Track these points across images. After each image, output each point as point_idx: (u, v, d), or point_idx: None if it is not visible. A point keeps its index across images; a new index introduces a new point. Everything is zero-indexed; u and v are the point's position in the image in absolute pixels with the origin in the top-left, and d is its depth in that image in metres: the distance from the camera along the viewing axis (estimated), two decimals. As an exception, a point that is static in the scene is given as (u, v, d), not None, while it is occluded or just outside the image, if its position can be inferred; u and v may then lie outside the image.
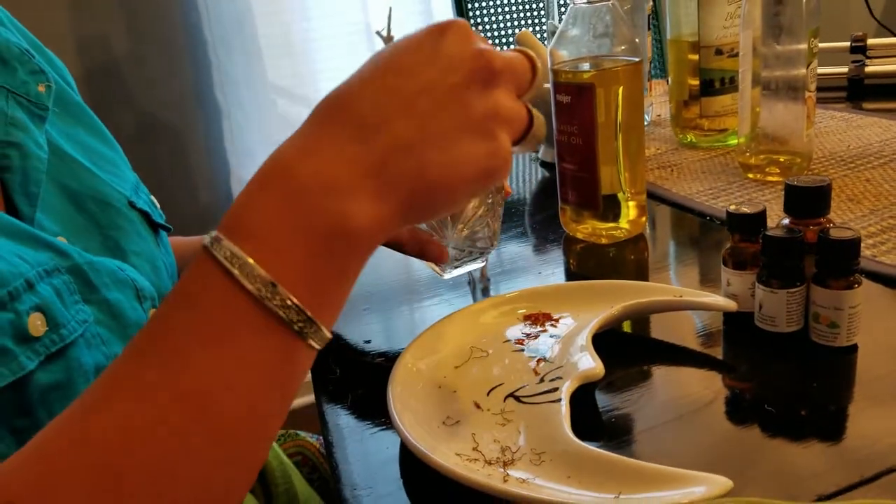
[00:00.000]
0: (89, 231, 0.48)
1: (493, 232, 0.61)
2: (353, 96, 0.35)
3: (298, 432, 0.81)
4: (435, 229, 0.59)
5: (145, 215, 0.54)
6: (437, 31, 0.37)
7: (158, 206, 0.58)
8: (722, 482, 0.36)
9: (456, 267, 0.63)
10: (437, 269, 0.64)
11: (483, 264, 0.65)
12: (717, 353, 0.53)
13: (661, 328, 0.57)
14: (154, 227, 0.55)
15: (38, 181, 0.45)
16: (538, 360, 0.51)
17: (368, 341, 0.60)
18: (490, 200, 0.60)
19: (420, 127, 0.34)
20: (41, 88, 0.49)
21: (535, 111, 0.40)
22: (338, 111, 0.35)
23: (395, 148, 0.34)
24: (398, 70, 0.35)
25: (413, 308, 0.66)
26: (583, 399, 0.48)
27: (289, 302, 0.31)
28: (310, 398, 0.57)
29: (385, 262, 0.76)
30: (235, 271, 0.30)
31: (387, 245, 0.60)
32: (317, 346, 0.32)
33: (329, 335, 0.33)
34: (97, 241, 0.48)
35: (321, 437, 0.80)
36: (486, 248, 0.62)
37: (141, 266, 0.50)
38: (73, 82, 0.57)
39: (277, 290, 0.30)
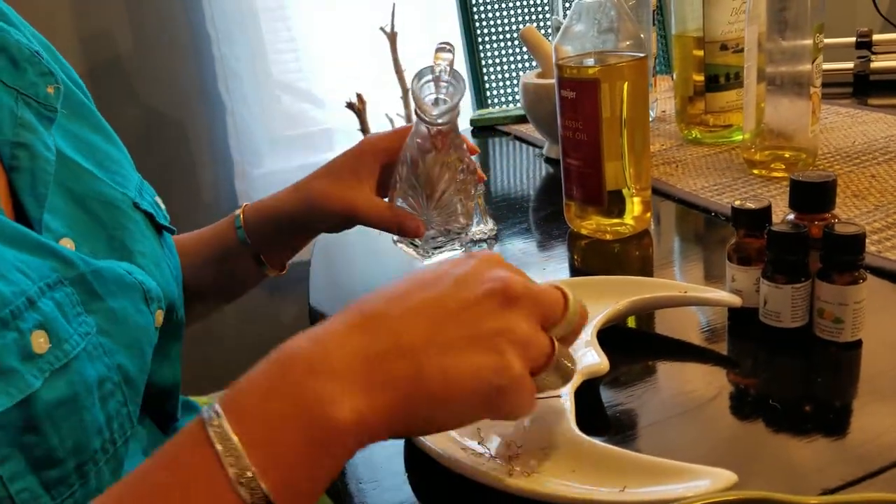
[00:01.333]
0: (95, 232, 0.48)
1: (467, 211, 0.63)
2: (372, 298, 0.36)
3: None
4: (412, 206, 0.62)
5: (149, 216, 0.54)
6: (467, 257, 0.39)
7: (163, 207, 0.58)
8: (726, 476, 0.36)
9: (435, 249, 0.64)
10: (416, 254, 0.65)
11: (462, 251, 0.65)
12: (722, 348, 0.53)
13: (665, 324, 0.57)
14: (158, 228, 0.55)
15: (46, 182, 0.45)
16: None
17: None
18: (461, 178, 0.61)
19: (425, 332, 0.34)
20: (50, 90, 0.49)
21: (563, 349, 0.39)
22: (355, 308, 0.36)
23: (396, 347, 0.34)
24: (419, 282, 0.37)
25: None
26: (587, 394, 0.48)
27: (261, 491, 0.31)
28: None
29: (388, 259, 0.76)
30: (219, 447, 0.31)
31: (368, 224, 0.62)
32: None
33: None
34: (103, 241, 0.48)
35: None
36: (461, 229, 0.64)
37: (147, 266, 0.50)
38: (81, 82, 0.57)
39: (254, 480, 0.31)
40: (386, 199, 0.64)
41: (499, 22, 1.58)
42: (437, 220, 0.63)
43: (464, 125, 1.27)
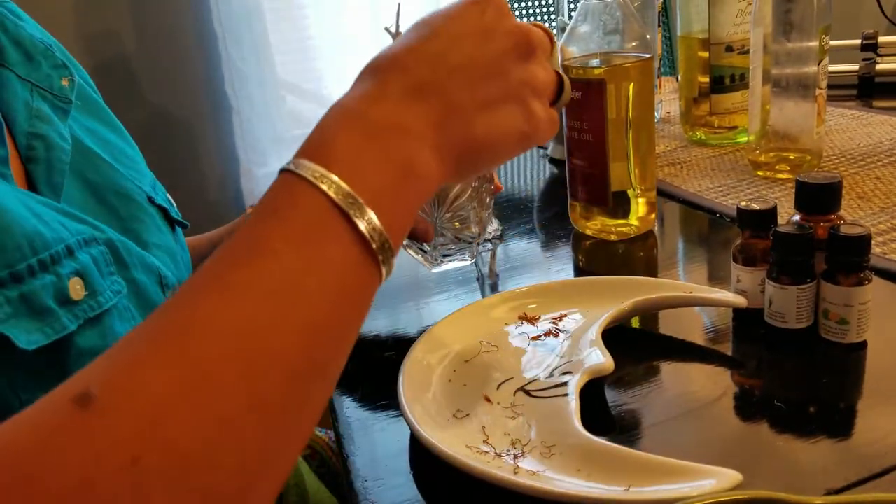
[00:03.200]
0: (111, 223, 0.49)
1: (480, 220, 0.62)
2: (407, 59, 0.38)
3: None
4: (423, 209, 0.60)
5: (163, 211, 0.55)
6: (478, 4, 0.40)
7: (174, 203, 0.59)
8: (731, 475, 0.36)
9: (445, 257, 0.63)
10: (423, 260, 0.64)
11: (471, 261, 0.65)
12: (727, 349, 0.53)
13: (670, 324, 0.57)
14: (172, 223, 0.56)
15: (62, 172, 0.46)
16: (548, 355, 0.51)
17: (378, 335, 0.61)
18: (476, 184, 0.61)
19: (471, 93, 0.38)
20: (64, 82, 0.50)
21: (563, 75, 0.45)
22: (394, 70, 0.38)
23: (449, 109, 0.37)
24: (447, 38, 0.39)
25: (422, 304, 0.66)
26: (592, 394, 0.48)
27: (373, 221, 0.32)
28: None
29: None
30: (324, 186, 0.32)
31: None
32: (384, 275, 0.34)
33: (393, 267, 0.34)
34: (118, 232, 0.49)
35: (330, 432, 0.81)
36: (473, 239, 0.63)
37: (161, 258, 0.51)
38: (91, 81, 0.58)
39: (363, 209, 0.32)
40: None
41: (504, 23, 1.58)
42: (448, 227, 0.62)
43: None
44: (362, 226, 0.32)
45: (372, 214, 0.32)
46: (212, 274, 0.30)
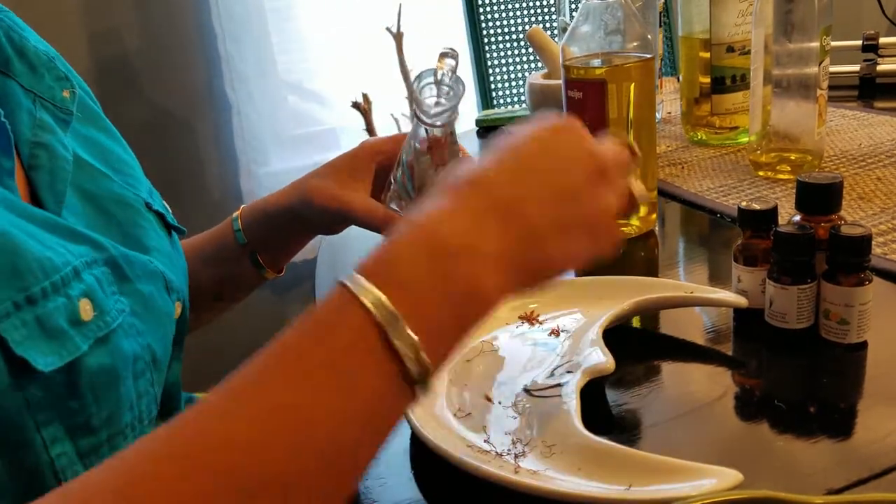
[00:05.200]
0: (111, 229, 0.50)
1: None
2: (485, 179, 0.38)
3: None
4: (404, 210, 0.61)
5: (161, 217, 0.55)
6: (555, 130, 0.41)
7: (170, 210, 0.60)
8: (732, 475, 0.36)
9: None
10: None
11: None
12: (727, 349, 0.54)
13: (671, 324, 0.57)
14: (169, 229, 0.57)
15: (64, 180, 0.47)
16: (549, 355, 0.51)
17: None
18: None
19: (545, 216, 0.38)
20: (66, 94, 0.51)
21: (635, 186, 0.45)
22: (475, 190, 0.38)
23: (528, 235, 0.37)
24: (527, 162, 0.40)
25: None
26: (593, 394, 0.48)
27: (422, 359, 0.32)
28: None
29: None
30: (379, 317, 0.32)
31: (360, 224, 0.62)
32: (420, 395, 0.33)
33: (433, 387, 0.34)
34: (119, 238, 0.50)
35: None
36: None
37: (162, 262, 0.51)
38: (89, 90, 0.59)
39: (413, 344, 0.32)
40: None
41: (505, 23, 1.58)
42: None
43: (469, 125, 1.28)
44: (409, 364, 0.32)
45: (423, 355, 0.32)
46: (246, 385, 0.31)
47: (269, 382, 0.31)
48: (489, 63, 1.57)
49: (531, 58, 1.59)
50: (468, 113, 1.54)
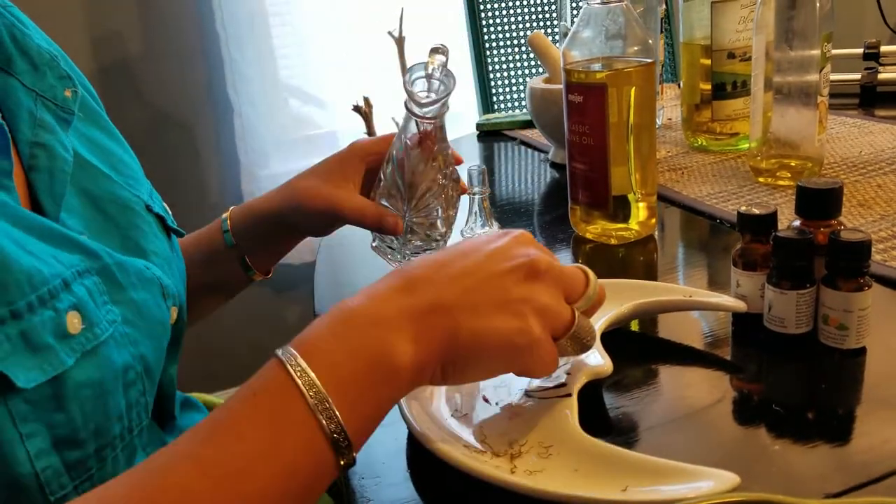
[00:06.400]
0: (110, 231, 0.49)
1: (447, 219, 0.64)
2: (414, 265, 0.41)
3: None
4: (394, 205, 0.63)
5: (160, 219, 0.55)
6: (502, 233, 0.44)
7: (170, 212, 0.60)
8: (729, 478, 0.36)
9: (413, 255, 0.65)
10: (392, 259, 0.66)
11: None
12: (726, 353, 0.53)
13: (669, 328, 0.57)
14: (168, 231, 0.56)
15: (63, 182, 0.46)
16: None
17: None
18: (443, 182, 0.62)
19: (460, 295, 0.39)
20: (68, 93, 0.51)
21: (584, 319, 0.44)
22: (398, 274, 0.41)
23: (435, 305, 0.39)
24: (456, 252, 0.42)
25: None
26: (590, 397, 0.48)
27: (336, 418, 0.35)
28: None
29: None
30: (300, 382, 0.35)
31: (350, 221, 0.64)
32: (342, 465, 0.36)
33: (354, 460, 0.36)
34: (117, 241, 0.49)
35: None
36: (441, 237, 0.65)
37: (161, 266, 0.51)
38: (92, 90, 0.58)
39: (329, 406, 0.35)
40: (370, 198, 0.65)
41: (506, 27, 1.58)
42: (417, 224, 0.63)
43: (470, 129, 1.28)
44: (329, 426, 0.35)
45: (337, 414, 0.35)
46: (185, 451, 0.35)
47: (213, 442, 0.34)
48: (490, 67, 1.57)
49: (532, 62, 1.59)
50: (469, 117, 1.55)
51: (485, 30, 1.57)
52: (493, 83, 1.58)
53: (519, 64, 1.59)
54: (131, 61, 1.73)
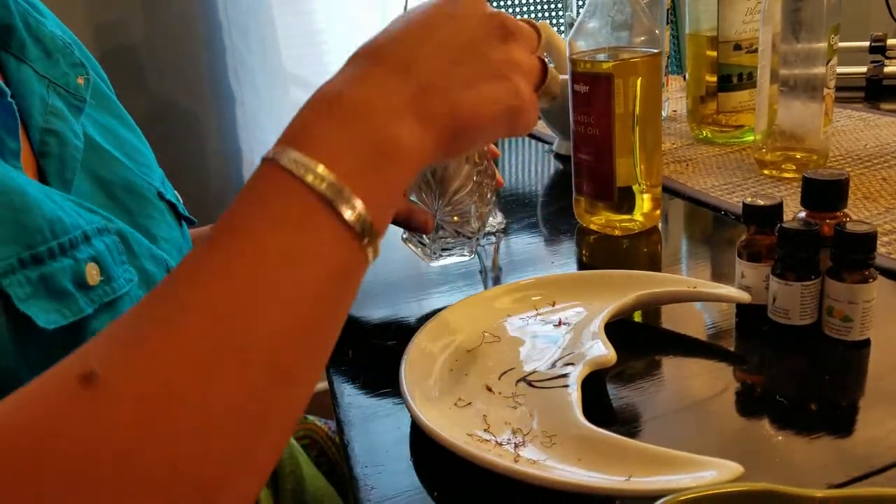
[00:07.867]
0: (119, 217, 0.50)
1: (481, 215, 0.62)
2: (386, 45, 0.39)
3: (307, 416, 0.81)
4: (424, 201, 0.61)
5: (172, 206, 0.55)
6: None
7: (181, 200, 0.60)
8: (732, 467, 0.36)
9: (444, 251, 0.63)
10: (422, 253, 0.64)
11: (470, 257, 0.65)
12: (730, 344, 0.53)
13: (673, 319, 0.57)
14: (179, 218, 0.57)
15: (73, 168, 0.47)
16: (550, 347, 0.51)
17: (380, 325, 0.61)
18: (477, 179, 0.60)
19: (446, 73, 0.38)
20: (80, 81, 0.51)
21: (549, 65, 0.45)
22: (374, 56, 0.38)
23: (427, 87, 0.37)
24: (423, 26, 0.40)
25: (424, 296, 0.66)
26: (593, 387, 0.48)
27: (356, 206, 0.33)
28: (321, 384, 0.57)
29: (395, 253, 0.76)
30: (308, 178, 0.32)
31: None
32: (370, 258, 0.35)
33: (380, 250, 0.35)
34: (128, 227, 0.50)
35: (329, 422, 0.81)
36: (473, 234, 0.62)
37: (170, 252, 0.51)
38: (105, 76, 0.59)
39: (344, 195, 0.32)
40: None
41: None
42: (448, 221, 0.62)
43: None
44: (347, 214, 0.33)
45: (357, 202, 0.33)
46: (202, 260, 0.31)
47: (231, 271, 0.31)
48: (495, 58, 1.57)
49: (537, 54, 1.58)
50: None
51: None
52: (497, 74, 1.57)
53: (523, 55, 1.59)
54: (134, 50, 1.73)
